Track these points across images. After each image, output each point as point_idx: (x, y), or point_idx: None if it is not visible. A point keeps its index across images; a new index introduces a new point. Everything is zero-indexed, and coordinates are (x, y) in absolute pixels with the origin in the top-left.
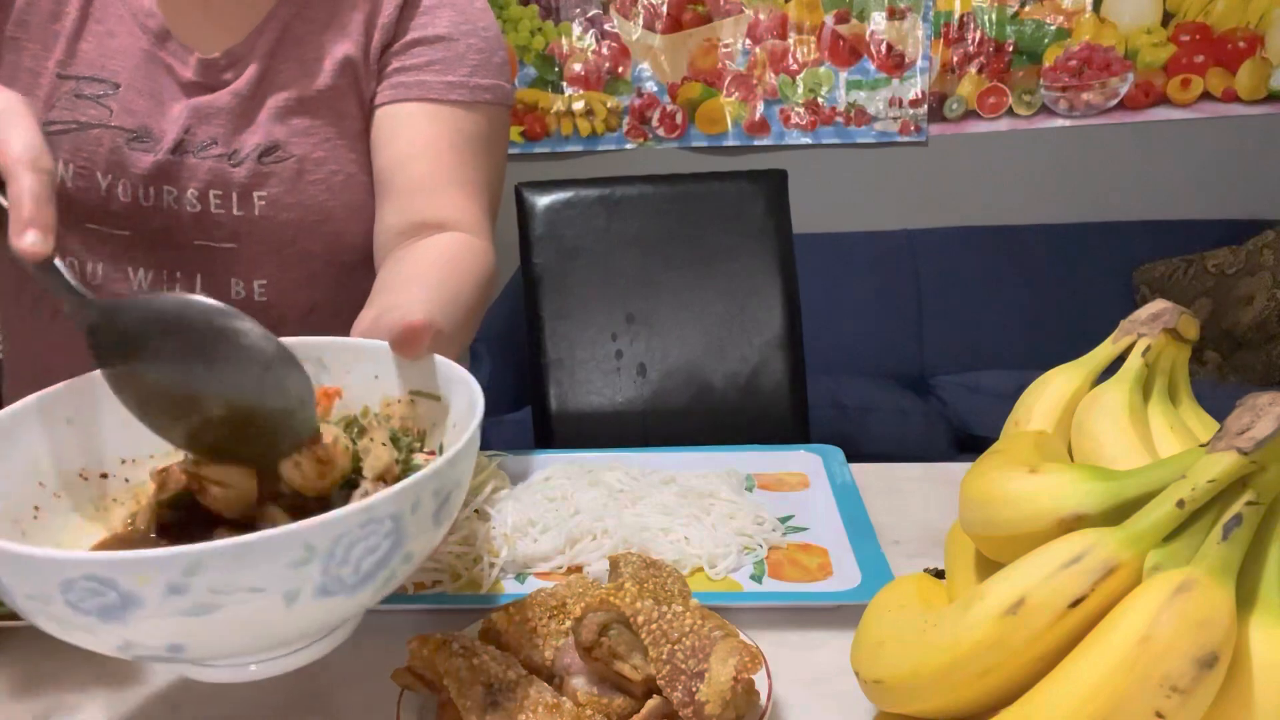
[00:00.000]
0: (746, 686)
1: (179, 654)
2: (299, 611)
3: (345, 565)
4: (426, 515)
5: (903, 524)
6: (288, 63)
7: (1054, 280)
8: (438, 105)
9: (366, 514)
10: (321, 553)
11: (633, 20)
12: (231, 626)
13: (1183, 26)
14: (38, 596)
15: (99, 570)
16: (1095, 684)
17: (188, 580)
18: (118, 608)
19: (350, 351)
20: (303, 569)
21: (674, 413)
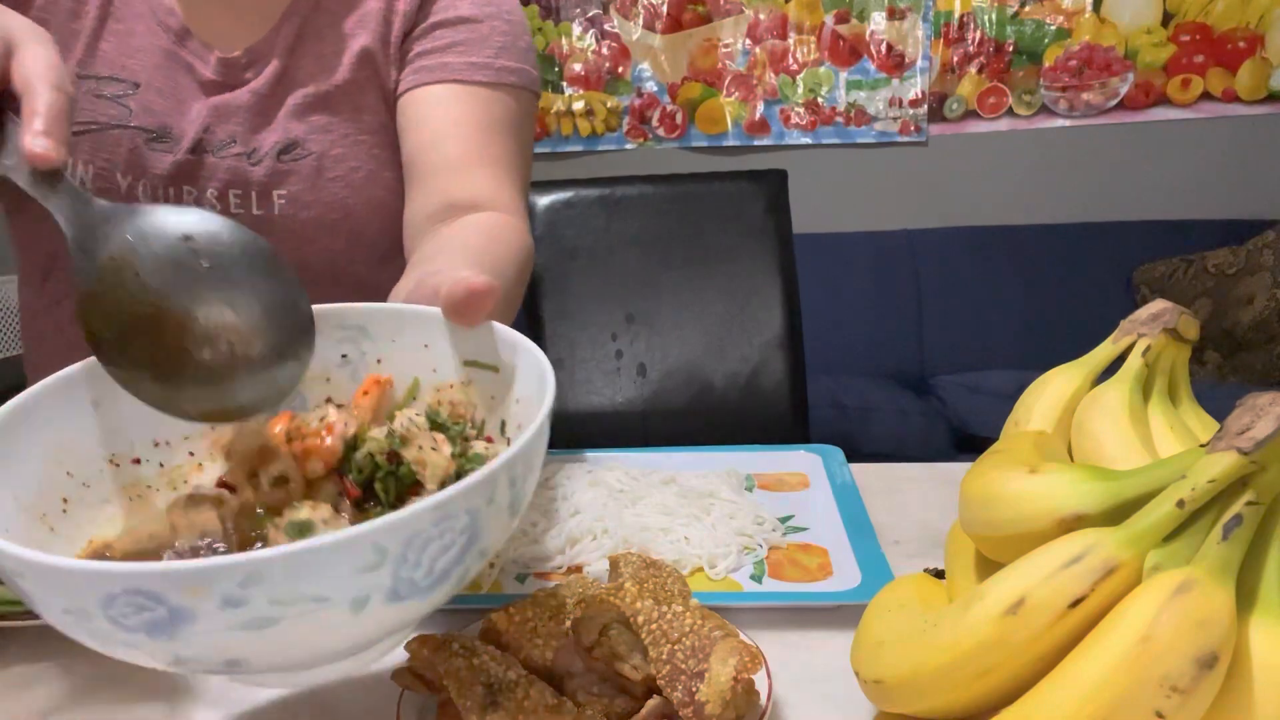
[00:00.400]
0: (746, 686)
1: (237, 669)
2: (367, 619)
3: (418, 567)
4: (502, 506)
5: (903, 524)
6: (306, 59)
7: (1054, 280)
8: (462, 86)
9: (440, 511)
10: (393, 555)
11: (633, 20)
12: (294, 639)
13: (1183, 26)
14: (76, 611)
15: (145, 584)
16: (1095, 684)
17: (245, 592)
18: (167, 623)
19: (397, 318)
20: (372, 574)
21: (674, 413)
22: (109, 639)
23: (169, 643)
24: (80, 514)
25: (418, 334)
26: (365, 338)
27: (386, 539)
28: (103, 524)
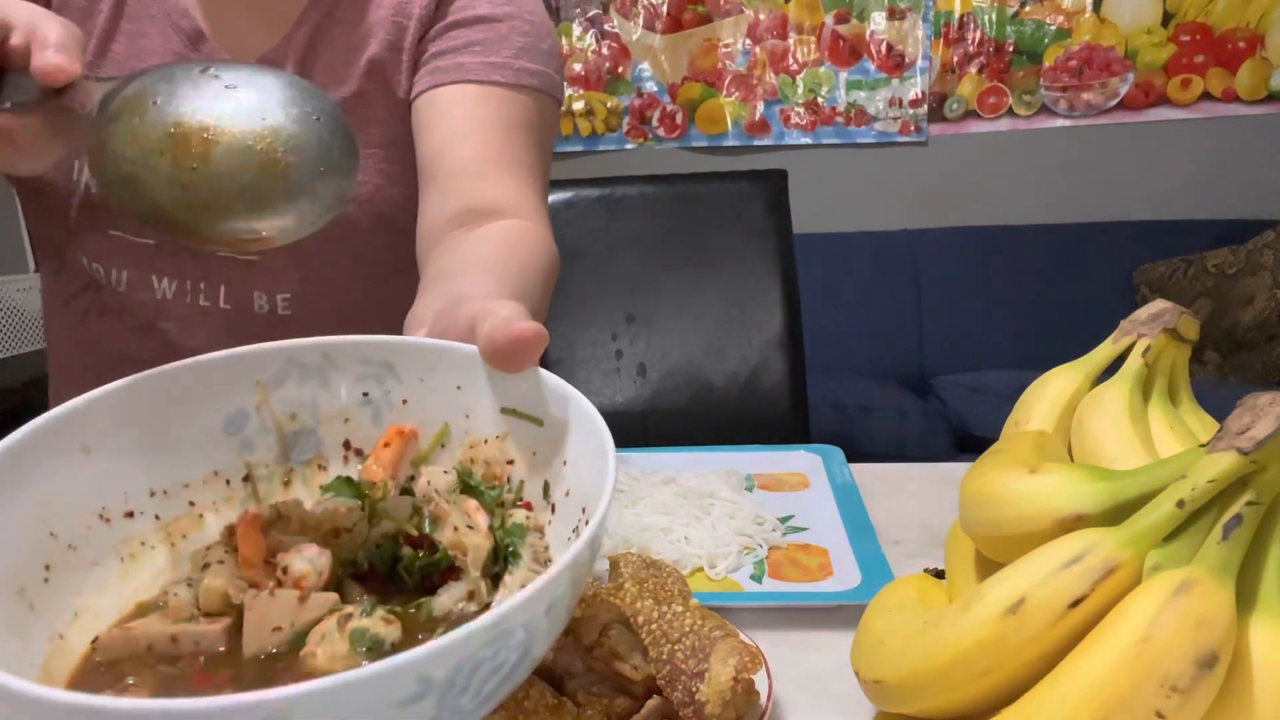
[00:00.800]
0: (746, 686)
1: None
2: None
3: (465, 693)
4: (561, 610)
5: (903, 524)
6: (316, 69)
7: (1054, 280)
8: (479, 86)
9: (495, 629)
10: (440, 683)
11: (633, 20)
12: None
13: (1183, 26)
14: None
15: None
16: (1095, 684)
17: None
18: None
19: (428, 355)
20: (416, 705)
21: (674, 413)
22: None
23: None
24: (64, 581)
25: (450, 375)
26: (391, 376)
27: (434, 667)
28: (89, 592)
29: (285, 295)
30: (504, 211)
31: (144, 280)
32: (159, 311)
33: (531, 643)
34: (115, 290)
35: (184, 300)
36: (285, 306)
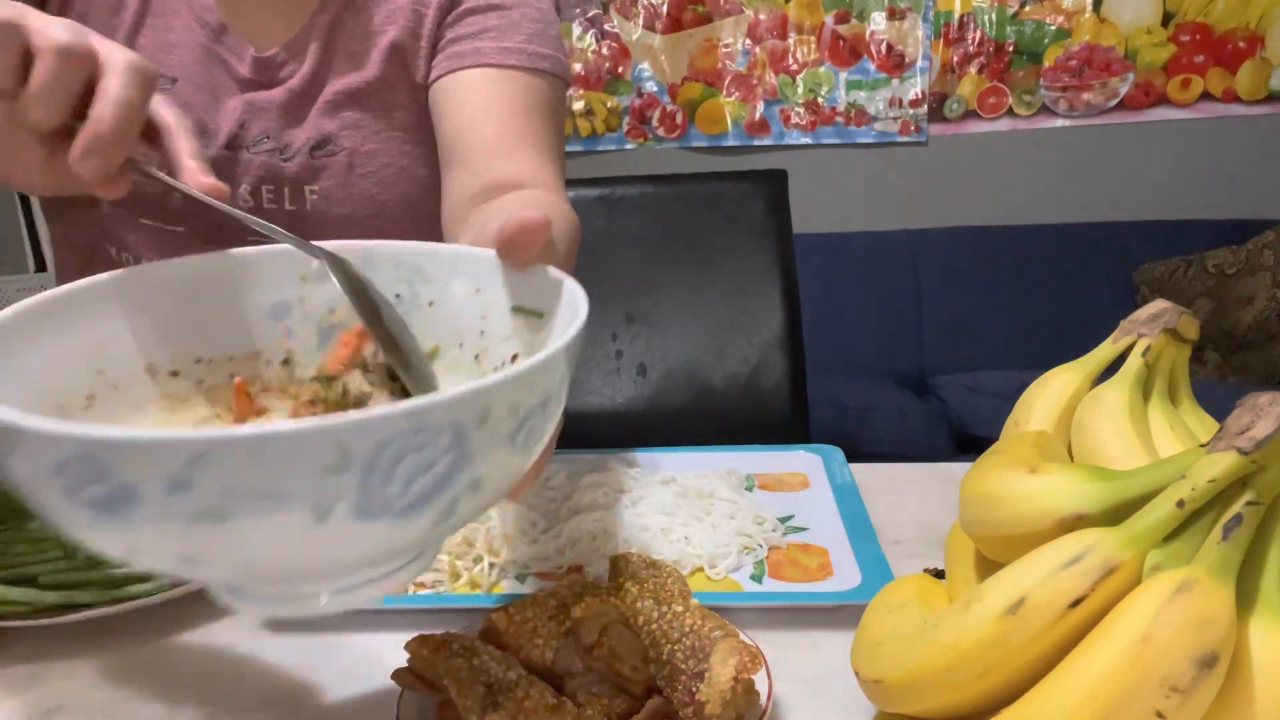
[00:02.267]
0: (746, 686)
1: (194, 569)
2: (332, 533)
3: (391, 482)
4: (500, 433)
5: (903, 524)
6: (338, 56)
7: (1054, 280)
8: (497, 70)
9: (417, 419)
10: (361, 460)
11: (633, 20)
12: (252, 541)
13: (1183, 26)
14: (33, 480)
15: (92, 449)
16: (1095, 684)
17: (193, 475)
18: (117, 501)
19: (452, 260)
20: (336, 478)
21: (674, 413)
22: (65, 516)
23: (119, 526)
24: (104, 412)
25: (471, 278)
26: (420, 279)
27: (353, 438)
28: (125, 424)
29: None
30: (526, 185)
31: None
32: None
33: (466, 453)
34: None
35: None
36: None
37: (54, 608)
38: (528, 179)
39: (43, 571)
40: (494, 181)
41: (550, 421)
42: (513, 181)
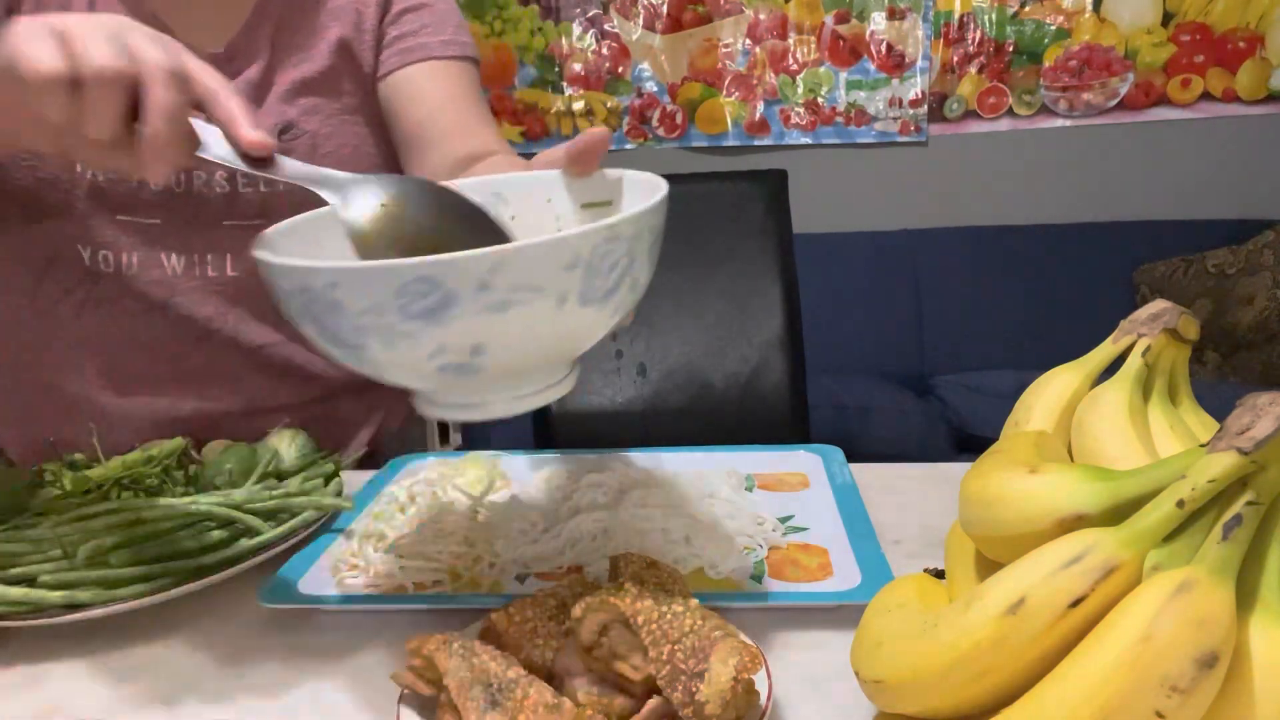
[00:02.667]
0: (746, 686)
1: (481, 356)
2: (565, 317)
3: (597, 275)
4: (644, 246)
5: (903, 524)
6: (287, 50)
7: (1054, 280)
8: (440, 62)
9: (611, 231)
10: (584, 259)
11: (633, 20)
12: (519, 327)
13: (1183, 26)
14: (372, 309)
15: (429, 271)
16: (1095, 684)
17: (491, 278)
18: (438, 308)
19: (524, 182)
20: (571, 273)
21: (674, 413)
22: (393, 331)
23: (437, 328)
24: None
25: (541, 192)
26: (502, 202)
27: (581, 245)
28: None
29: None
30: (493, 153)
31: (154, 259)
32: (171, 288)
33: (633, 257)
34: (125, 274)
35: (193, 273)
36: None
37: (54, 608)
38: (490, 148)
39: (43, 571)
40: (466, 155)
41: (658, 248)
42: (480, 152)
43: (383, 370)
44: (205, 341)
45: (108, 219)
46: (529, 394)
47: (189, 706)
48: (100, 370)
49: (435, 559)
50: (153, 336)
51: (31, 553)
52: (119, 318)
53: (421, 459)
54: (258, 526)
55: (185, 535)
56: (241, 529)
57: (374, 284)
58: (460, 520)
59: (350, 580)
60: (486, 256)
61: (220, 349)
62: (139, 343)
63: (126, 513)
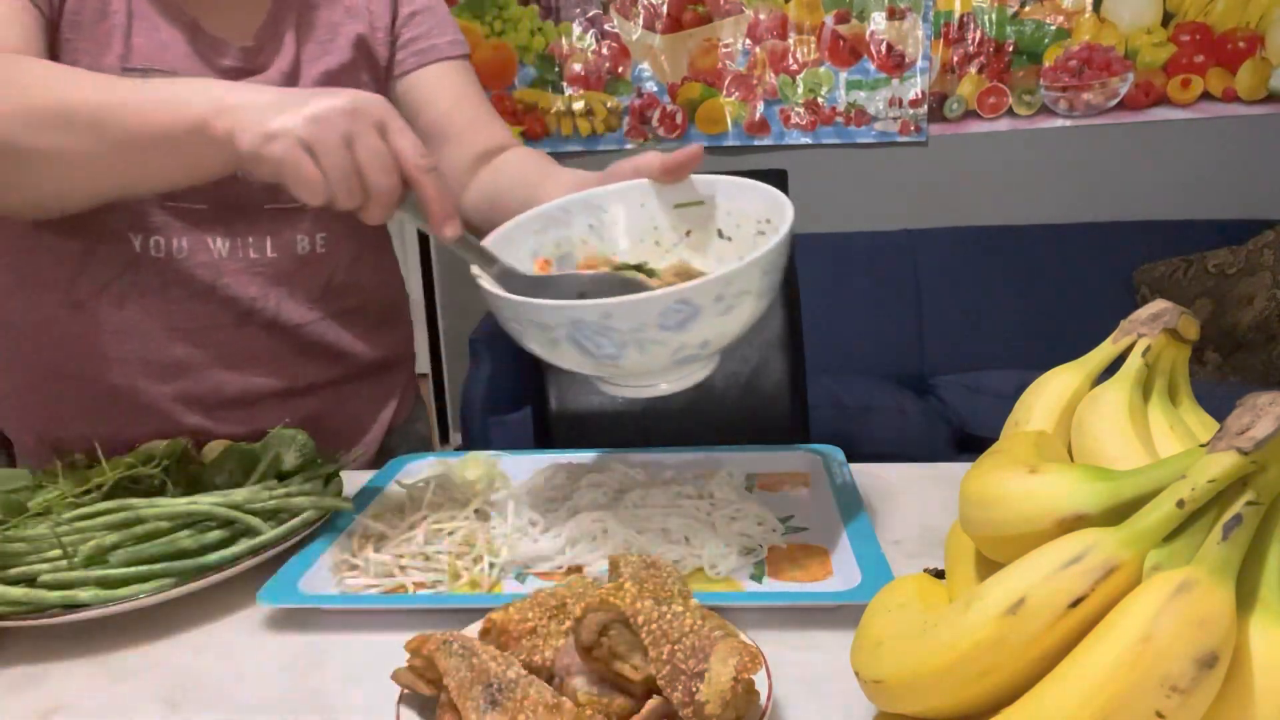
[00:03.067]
0: (746, 686)
1: (706, 348)
2: (758, 310)
3: (773, 274)
4: (754, 289)
5: (903, 524)
6: (310, 44)
7: (1054, 280)
8: (450, 62)
9: (788, 238)
10: (775, 264)
11: (633, 20)
12: (735, 324)
13: (1183, 26)
14: (637, 328)
15: (687, 295)
16: (1095, 684)
17: (726, 290)
18: (687, 320)
19: (619, 192)
20: (766, 276)
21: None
22: (649, 341)
23: (682, 334)
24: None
25: (635, 198)
26: (603, 210)
27: (777, 254)
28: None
29: (323, 235)
30: (505, 146)
31: (201, 243)
32: (218, 270)
33: (741, 294)
34: (175, 258)
35: (237, 256)
36: (321, 245)
37: (54, 607)
38: (502, 142)
39: (43, 571)
40: (484, 149)
41: (775, 282)
42: (494, 147)
43: (626, 370)
44: (247, 322)
45: (157, 205)
46: (693, 373)
47: (189, 706)
48: (141, 359)
49: (435, 559)
50: (196, 322)
51: (31, 553)
52: (163, 305)
53: (421, 459)
54: (258, 526)
55: (185, 535)
56: (241, 529)
57: (644, 310)
58: (460, 520)
59: (350, 580)
60: (726, 275)
61: (261, 330)
62: (181, 330)
63: (126, 513)
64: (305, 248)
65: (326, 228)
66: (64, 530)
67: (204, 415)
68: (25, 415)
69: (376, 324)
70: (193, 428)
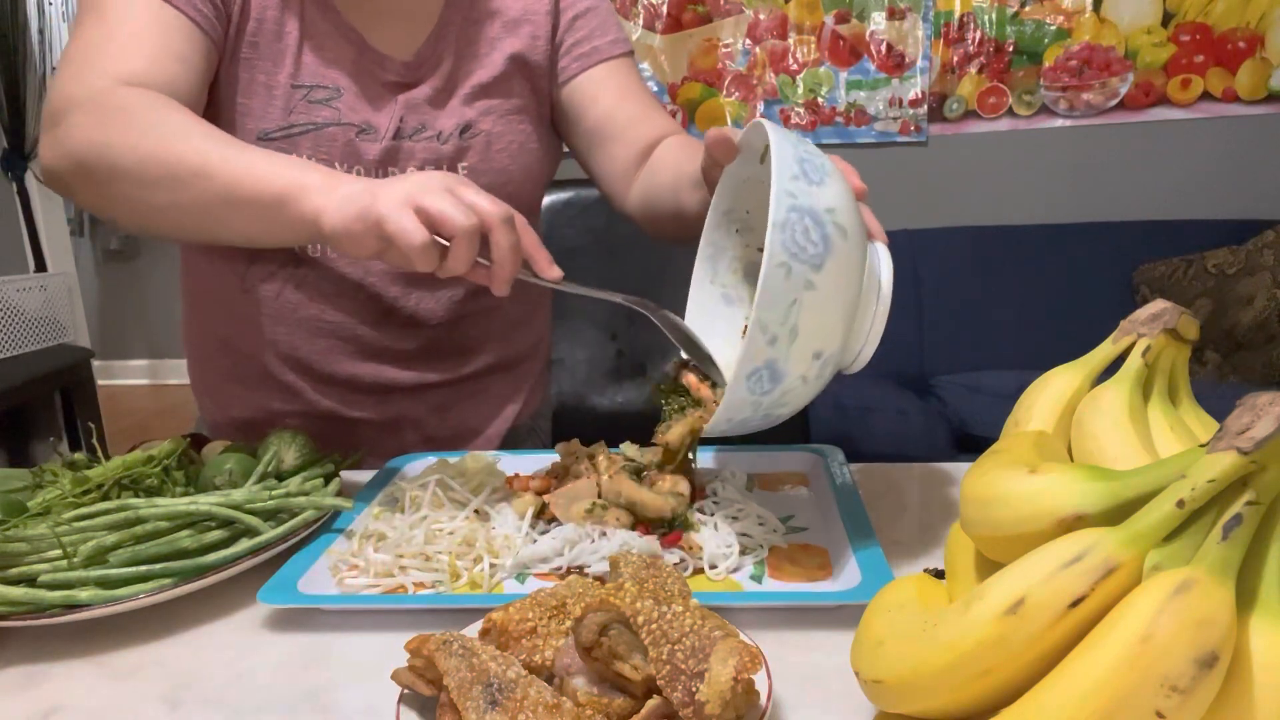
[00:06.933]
0: (746, 686)
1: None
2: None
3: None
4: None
5: (903, 524)
6: (466, 59)
7: (1054, 280)
8: (612, 61)
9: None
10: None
11: (633, 20)
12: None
13: (1183, 26)
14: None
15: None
16: (1095, 684)
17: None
18: (775, 376)
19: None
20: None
21: None
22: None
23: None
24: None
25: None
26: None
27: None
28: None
29: None
30: (665, 136)
31: None
32: (365, 268)
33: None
34: (329, 255)
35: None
36: None
37: (53, 607)
38: (663, 131)
39: (43, 571)
40: (647, 143)
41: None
42: (656, 137)
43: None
44: (387, 320)
45: None
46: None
47: (189, 706)
48: (290, 344)
49: (435, 559)
50: (340, 317)
51: (31, 553)
52: (313, 299)
53: (422, 459)
54: (258, 526)
55: (185, 535)
56: (241, 529)
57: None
58: (460, 520)
59: (350, 580)
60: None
61: (399, 327)
62: (327, 322)
63: (126, 513)
64: None
65: None
66: (64, 530)
67: (338, 401)
68: (201, 377)
69: (513, 324)
70: (327, 410)
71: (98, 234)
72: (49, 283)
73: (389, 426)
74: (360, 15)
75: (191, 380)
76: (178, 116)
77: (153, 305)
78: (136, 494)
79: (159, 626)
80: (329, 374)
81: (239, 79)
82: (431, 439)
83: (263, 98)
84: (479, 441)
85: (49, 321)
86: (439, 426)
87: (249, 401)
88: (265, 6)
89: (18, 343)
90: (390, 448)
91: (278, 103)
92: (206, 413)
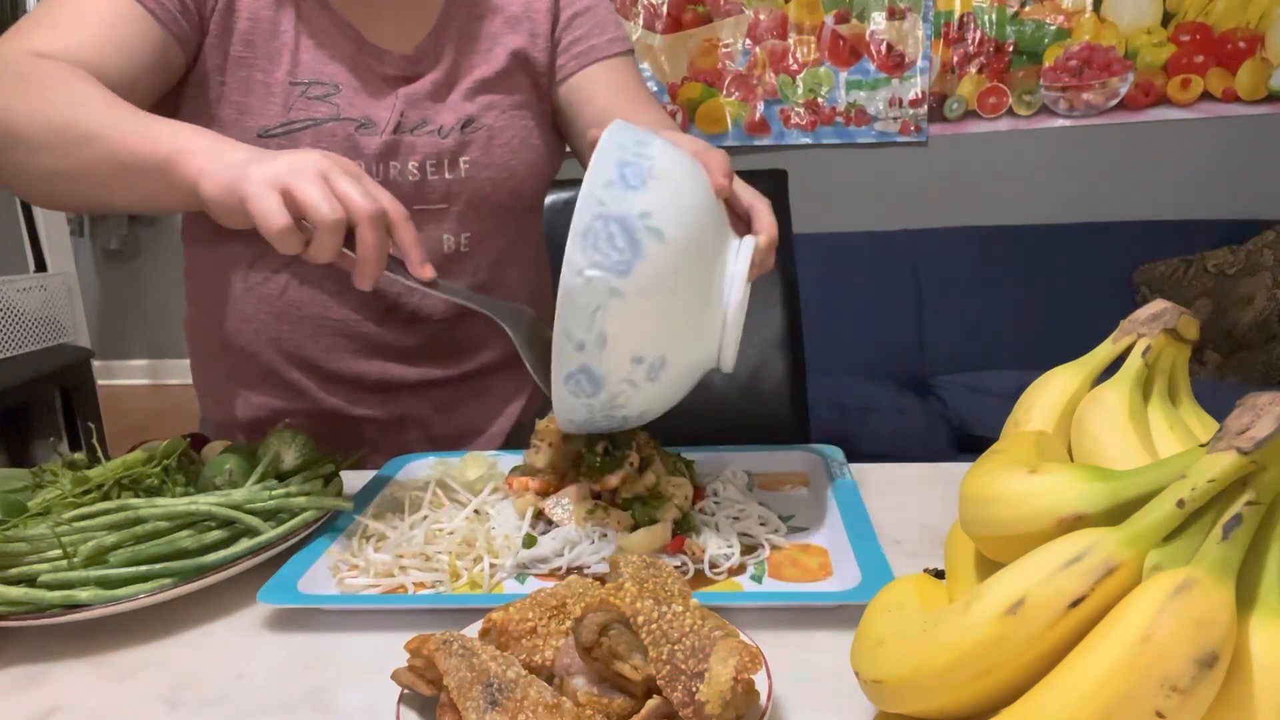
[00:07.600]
0: (746, 686)
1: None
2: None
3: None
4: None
5: (903, 524)
6: (467, 54)
7: (1054, 280)
8: (612, 60)
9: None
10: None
11: (633, 20)
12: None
13: (1183, 26)
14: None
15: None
16: (1095, 684)
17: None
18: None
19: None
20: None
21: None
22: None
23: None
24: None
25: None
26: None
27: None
28: None
29: (467, 234)
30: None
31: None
32: None
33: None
34: None
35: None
36: (466, 244)
37: (54, 608)
38: (656, 129)
39: (43, 571)
40: None
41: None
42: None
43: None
44: (390, 317)
45: None
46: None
47: (189, 706)
48: (294, 342)
49: (435, 559)
50: (343, 315)
51: (31, 553)
52: (315, 297)
53: (421, 459)
54: (258, 526)
55: (185, 535)
56: (241, 529)
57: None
58: (460, 520)
59: (350, 580)
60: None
61: (403, 324)
62: (330, 320)
63: (126, 513)
64: (450, 246)
65: (472, 228)
66: (64, 530)
67: (343, 399)
68: (204, 376)
69: None
70: (332, 409)
71: (98, 234)
72: (49, 283)
73: (393, 425)
74: (358, 13)
75: (194, 380)
76: (82, 86)
77: (153, 305)
78: (136, 494)
79: (159, 626)
80: (334, 371)
81: (236, 78)
82: (435, 438)
83: (261, 96)
84: (482, 440)
85: (49, 321)
86: (443, 425)
87: (252, 401)
88: (258, 5)
89: (18, 343)
90: (394, 446)
91: (276, 100)
92: (209, 413)
